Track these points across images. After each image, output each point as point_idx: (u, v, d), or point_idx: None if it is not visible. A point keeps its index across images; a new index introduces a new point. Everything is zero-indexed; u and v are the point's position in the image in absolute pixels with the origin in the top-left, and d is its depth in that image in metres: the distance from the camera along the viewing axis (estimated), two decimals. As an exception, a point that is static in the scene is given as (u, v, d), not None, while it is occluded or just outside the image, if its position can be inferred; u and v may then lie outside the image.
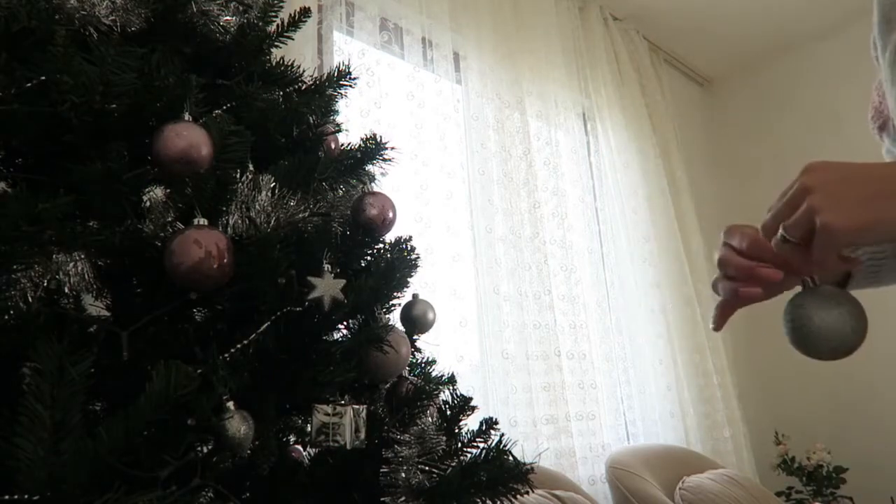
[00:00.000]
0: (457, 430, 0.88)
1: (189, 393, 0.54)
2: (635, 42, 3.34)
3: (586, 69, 3.00)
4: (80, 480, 0.49)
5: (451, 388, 0.94)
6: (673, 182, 3.20)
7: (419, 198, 2.07)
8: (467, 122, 2.36)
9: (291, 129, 0.92)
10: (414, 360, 0.94)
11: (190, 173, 0.70)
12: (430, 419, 0.85)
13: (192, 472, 0.56)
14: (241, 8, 0.96)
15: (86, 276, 0.66)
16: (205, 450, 0.61)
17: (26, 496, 0.47)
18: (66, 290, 0.65)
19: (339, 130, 1.00)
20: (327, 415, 0.70)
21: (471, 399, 0.92)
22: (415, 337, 0.94)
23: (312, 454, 0.84)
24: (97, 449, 0.51)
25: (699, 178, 3.55)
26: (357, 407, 0.73)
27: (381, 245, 0.90)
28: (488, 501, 0.79)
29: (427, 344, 0.99)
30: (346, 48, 2.07)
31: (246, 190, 0.74)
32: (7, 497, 0.47)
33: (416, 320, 0.92)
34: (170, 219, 0.70)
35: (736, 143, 3.86)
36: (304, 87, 1.00)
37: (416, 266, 0.89)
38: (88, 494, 0.49)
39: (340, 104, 1.04)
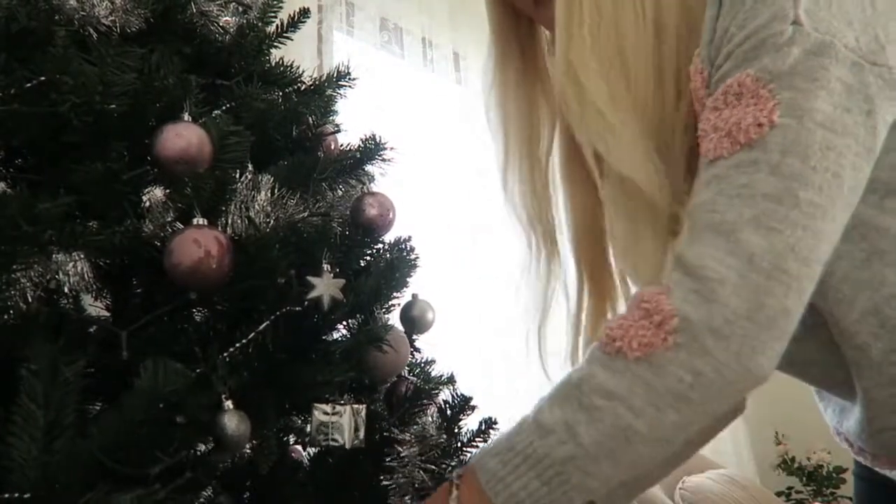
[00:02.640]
0: (457, 430, 0.89)
1: (180, 390, 0.54)
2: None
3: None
4: (73, 479, 0.49)
5: (450, 387, 0.94)
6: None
7: (419, 197, 2.08)
8: (467, 122, 2.36)
9: (291, 130, 0.92)
10: (413, 360, 0.94)
11: (189, 173, 0.70)
12: (430, 419, 0.85)
13: (185, 469, 0.57)
14: (240, 8, 0.96)
15: (85, 276, 0.66)
16: (201, 448, 0.61)
17: (17, 495, 0.47)
18: (66, 290, 0.65)
19: (339, 131, 1.00)
20: (326, 414, 0.70)
21: (471, 399, 0.92)
22: (414, 337, 0.94)
23: (312, 454, 0.84)
24: (88, 447, 0.51)
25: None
26: (356, 406, 0.73)
27: (380, 245, 0.90)
28: (488, 501, 0.79)
29: (427, 344, 0.99)
30: (345, 48, 2.08)
31: (245, 190, 0.75)
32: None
33: (416, 320, 0.92)
34: (169, 219, 0.70)
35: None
36: (303, 88, 1.00)
37: (415, 266, 0.89)
38: (80, 493, 0.49)
39: (340, 104, 1.04)
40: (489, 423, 0.90)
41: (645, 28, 0.66)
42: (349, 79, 1.04)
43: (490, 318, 2.16)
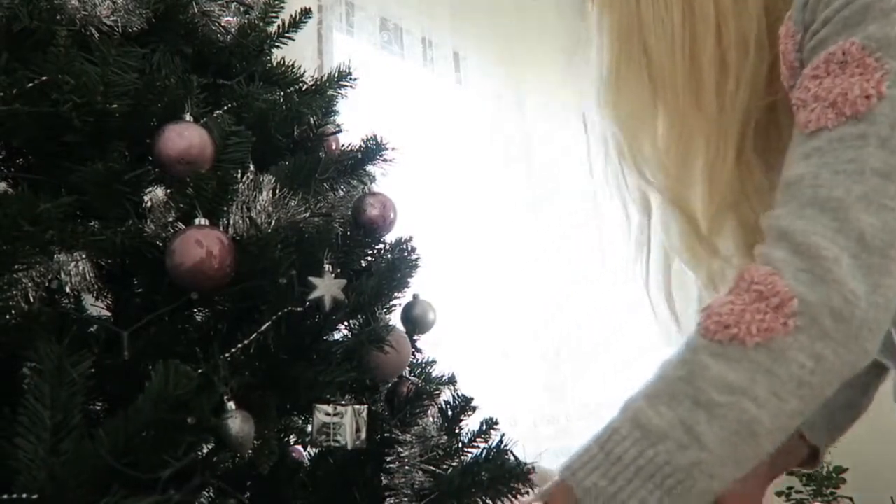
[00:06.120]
0: (457, 430, 0.89)
1: (188, 392, 0.54)
2: (635, 42, 3.33)
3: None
4: (80, 480, 0.49)
5: (451, 388, 0.94)
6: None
7: (419, 197, 2.07)
8: (467, 122, 2.36)
9: (292, 130, 0.92)
10: (414, 361, 0.94)
11: (191, 173, 0.70)
12: (430, 419, 0.85)
13: (193, 472, 0.57)
14: (241, 9, 0.96)
15: (87, 277, 0.66)
16: (206, 449, 0.61)
17: (24, 495, 0.47)
18: (68, 290, 0.65)
19: (340, 131, 1.00)
20: (328, 414, 0.70)
21: (471, 399, 0.92)
22: (415, 337, 0.94)
23: (313, 454, 0.84)
24: (97, 449, 0.51)
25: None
26: (358, 407, 0.73)
27: (381, 245, 0.90)
28: (489, 501, 0.79)
29: (428, 344, 0.99)
30: (346, 48, 2.08)
31: (247, 190, 0.74)
32: (6, 496, 0.47)
33: (417, 321, 0.92)
34: (171, 219, 0.70)
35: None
36: (304, 88, 1.00)
37: (416, 266, 0.89)
38: (88, 494, 0.49)
39: (341, 104, 1.04)
40: (490, 424, 0.90)
41: (674, 38, 0.69)
42: (350, 79, 1.04)
43: (491, 318, 2.15)
